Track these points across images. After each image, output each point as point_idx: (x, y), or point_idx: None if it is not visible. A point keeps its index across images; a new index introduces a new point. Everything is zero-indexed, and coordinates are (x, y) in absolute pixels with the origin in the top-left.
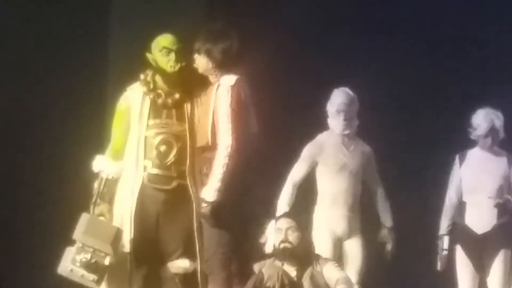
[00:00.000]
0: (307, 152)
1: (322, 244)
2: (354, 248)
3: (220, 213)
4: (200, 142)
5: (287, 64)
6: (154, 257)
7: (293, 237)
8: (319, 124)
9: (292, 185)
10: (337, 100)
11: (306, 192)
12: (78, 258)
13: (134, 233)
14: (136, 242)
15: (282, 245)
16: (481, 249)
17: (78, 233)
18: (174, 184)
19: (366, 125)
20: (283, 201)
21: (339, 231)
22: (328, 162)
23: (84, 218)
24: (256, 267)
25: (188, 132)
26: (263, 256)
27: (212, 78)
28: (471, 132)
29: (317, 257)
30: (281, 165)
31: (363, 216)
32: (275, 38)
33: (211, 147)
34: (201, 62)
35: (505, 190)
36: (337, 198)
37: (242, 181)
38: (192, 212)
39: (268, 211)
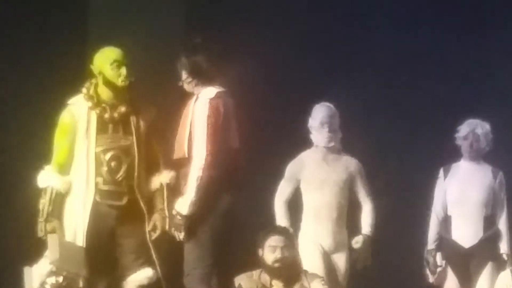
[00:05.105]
0: (289, 171)
1: (310, 259)
2: (340, 263)
3: (196, 226)
4: (177, 154)
5: (269, 79)
6: (111, 272)
7: (288, 255)
8: (302, 140)
9: (283, 202)
10: (320, 114)
11: (293, 210)
12: (49, 281)
13: (88, 250)
14: (91, 259)
15: (276, 265)
16: (468, 263)
17: (53, 258)
18: (125, 199)
19: (349, 138)
20: (281, 220)
21: (325, 246)
22: (310, 179)
23: (52, 241)
24: (237, 280)
25: (136, 146)
26: (245, 270)
27: (194, 91)
28: (456, 138)
29: (305, 272)
30: (262, 181)
31: (350, 231)
32: (256, 52)
33: (188, 160)
34: (182, 76)
35: (491, 202)
36: (321, 213)
37: (221, 196)
38: (144, 225)
39: (249, 225)
